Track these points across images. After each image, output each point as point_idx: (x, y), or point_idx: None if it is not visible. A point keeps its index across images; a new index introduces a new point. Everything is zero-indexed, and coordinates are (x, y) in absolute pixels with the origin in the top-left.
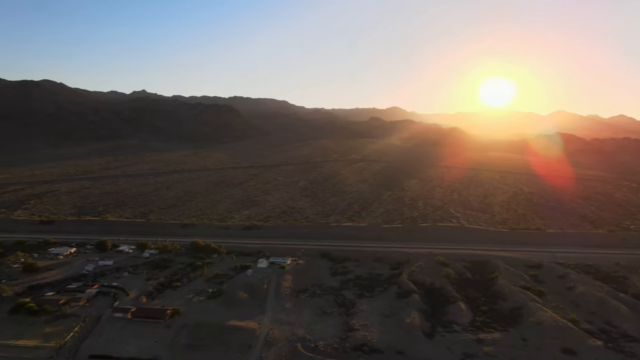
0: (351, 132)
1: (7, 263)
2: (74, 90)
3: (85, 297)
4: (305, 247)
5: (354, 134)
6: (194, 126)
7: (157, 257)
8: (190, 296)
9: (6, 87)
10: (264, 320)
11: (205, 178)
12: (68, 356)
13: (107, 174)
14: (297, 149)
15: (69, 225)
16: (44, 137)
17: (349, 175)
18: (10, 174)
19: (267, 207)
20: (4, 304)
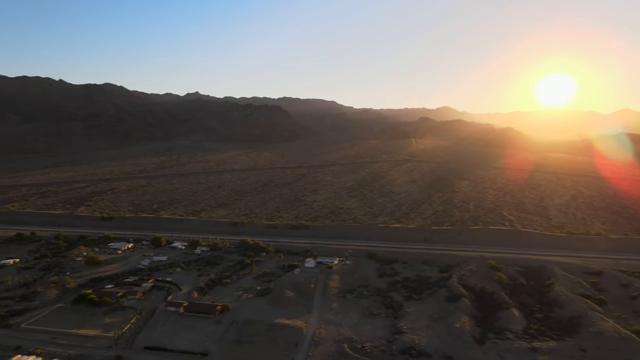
0: (400, 132)
1: (71, 256)
2: (133, 93)
3: (141, 291)
4: (352, 248)
5: (402, 134)
6: (244, 127)
7: (208, 254)
8: (239, 293)
9: (73, 90)
10: (310, 320)
11: (254, 178)
12: (125, 346)
13: (162, 173)
14: (345, 149)
15: (127, 221)
16: (105, 138)
17: (397, 176)
18: (75, 172)
19: (314, 207)
20: (68, 294)
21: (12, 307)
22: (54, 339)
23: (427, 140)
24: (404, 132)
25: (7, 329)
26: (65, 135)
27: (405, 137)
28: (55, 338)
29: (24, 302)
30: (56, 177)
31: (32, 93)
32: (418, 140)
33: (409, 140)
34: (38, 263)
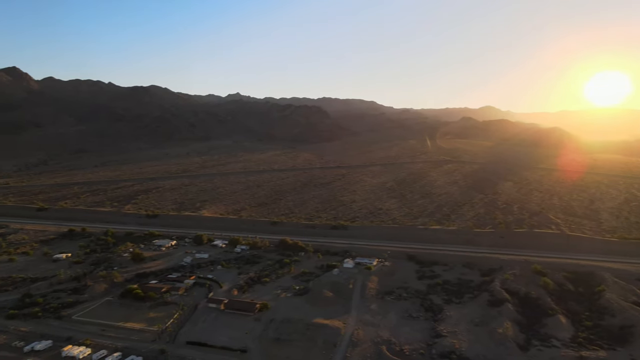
0: (441, 132)
1: (118, 252)
2: (177, 94)
3: (184, 287)
4: (391, 249)
5: (444, 134)
6: (284, 127)
7: (248, 252)
8: (278, 292)
9: (121, 92)
10: (349, 320)
11: (293, 178)
12: (168, 340)
13: (203, 172)
14: (384, 149)
15: (171, 219)
16: (150, 138)
17: (438, 177)
18: (122, 171)
19: (353, 207)
20: (116, 289)
21: (65, 300)
22: (103, 331)
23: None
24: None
25: (59, 320)
26: (114, 136)
27: (448, 137)
28: (103, 330)
29: (75, 295)
30: (105, 175)
31: (84, 95)
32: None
33: (451, 140)
34: (88, 258)
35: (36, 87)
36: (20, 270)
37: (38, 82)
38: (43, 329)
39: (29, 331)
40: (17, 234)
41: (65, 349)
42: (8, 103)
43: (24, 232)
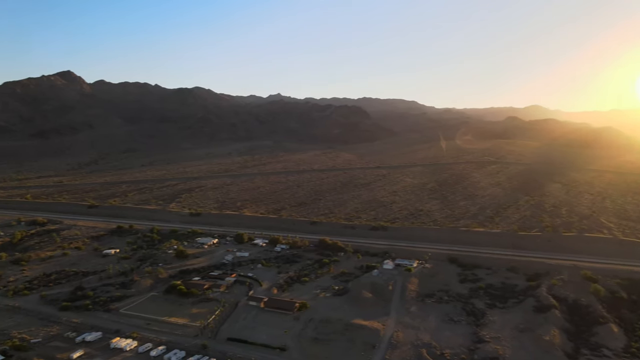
0: (485, 132)
1: (163, 249)
2: (219, 95)
3: (225, 285)
4: (432, 251)
5: (488, 135)
6: (324, 127)
7: (288, 252)
8: (317, 291)
9: (167, 94)
10: (388, 322)
11: (333, 178)
12: (210, 336)
13: (245, 172)
14: (425, 150)
15: (213, 218)
16: (194, 138)
17: (481, 178)
18: (167, 170)
19: (393, 208)
20: (160, 284)
21: (113, 293)
22: (148, 324)
23: (514, 140)
24: (489, 132)
25: (108, 313)
26: (160, 136)
27: (493, 138)
28: (149, 324)
29: (122, 289)
30: (151, 175)
31: (132, 97)
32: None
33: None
34: (135, 254)
35: (88, 90)
36: (72, 265)
37: (90, 85)
38: (93, 321)
39: (80, 322)
40: (70, 229)
41: (114, 341)
42: (63, 105)
43: (76, 228)
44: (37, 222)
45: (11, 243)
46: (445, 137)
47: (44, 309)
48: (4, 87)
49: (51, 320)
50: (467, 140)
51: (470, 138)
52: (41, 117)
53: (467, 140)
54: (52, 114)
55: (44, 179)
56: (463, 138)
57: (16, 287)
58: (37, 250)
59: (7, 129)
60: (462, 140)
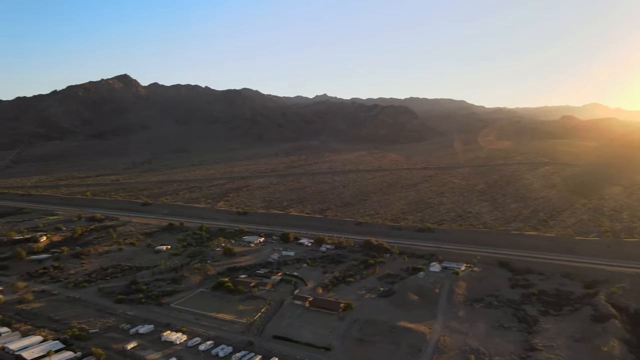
0: (539, 132)
1: (211, 246)
2: (267, 96)
3: (271, 283)
4: (481, 254)
5: (541, 135)
6: (370, 127)
7: (333, 252)
8: (362, 292)
9: (216, 96)
10: (435, 326)
11: (379, 178)
12: (256, 333)
13: (291, 172)
14: (475, 150)
15: (259, 217)
16: (242, 139)
17: (534, 180)
18: (216, 170)
19: (441, 209)
20: (209, 281)
21: (164, 288)
22: (197, 319)
23: (569, 141)
24: (543, 132)
25: (160, 307)
26: (209, 137)
27: (546, 138)
28: (197, 319)
29: (173, 285)
30: (201, 174)
31: (184, 99)
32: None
33: (550, 141)
34: (185, 250)
35: (143, 93)
36: (127, 260)
37: (145, 87)
38: (146, 314)
39: (134, 315)
40: (126, 226)
41: (165, 334)
42: (120, 107)
43: (131, 224)
44: (95, 219)
45: (72, 238)
46: (499, 138)
47: (101, 301)
48: (67, 90)
49: (107, 312)
50: (605, 140)
51: (492, 139)
52: (100, 118)
53: (606, 140)
54: (110, 116)
55: (102, 177)
56: (485, 139)
57: (76, 280)
58: (95, 245)
59: (69, 130)
60: (484, 141)
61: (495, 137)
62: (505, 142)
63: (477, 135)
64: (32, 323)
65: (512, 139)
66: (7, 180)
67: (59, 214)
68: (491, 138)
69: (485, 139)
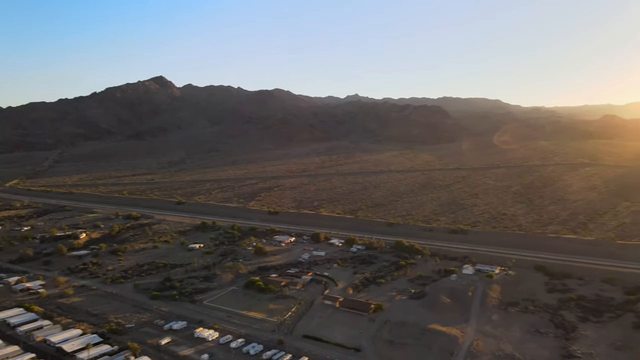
0: (579, 132)
1: (243, 245)
2: (298, 96)
3: (301, 282)
4: (516, 257)
5: (582, 135)
6: (402, 128)
7: (364, 252)
8: (393, 294)
9: (248, 96)
10: (467, 329)
11: (411, 179)
12: (286, 332)
13: (322, 172)
14: (510, 151)
15: (290, 216)
16: (273, 139)
17: (573, 182)
18: (248, 170)
19: (474, 211)
20: (240, 279)
21: (197, 286)
22: (228, 317)
23: (612, 141)
24: (584, 131)
25: (193, 304)
26: (241, 137)
27: (586, 138)
28: (229, 317)
29: (206, 282)
30: (233, 174)
31: (217, 100)
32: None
33: (591, 141)
34: (217, 249)
35: (178, 94)
36: (162, 257)
37: (179, 88)
38: (179, 311)
39: (168, 311)
40: (160, 224)
41: (198, 331)
42: (156, 108)
43: (165, 222)
44: (132, 217)
45: (110, 235)
46: (535, 138)
47: (137, 297)
48: (106, 92)
49: (143, 307)
50: (503, 141)
51: (507, 139)
52: (137, 119)
53: (504, 141)
54: (146, 117)
55: (138, 176)
56: (500, 139)
57: (113, 276)
58: (131, 242)
59: (108, 131)
60: (499, 141)
61: (511, 138)
62: (543, 142)
63: (514, 136)
64: (72, 317)
65: (551, 138)
66: (50, 178)
67: (98, 212)
68: (506, 139)
69: (500, 139)
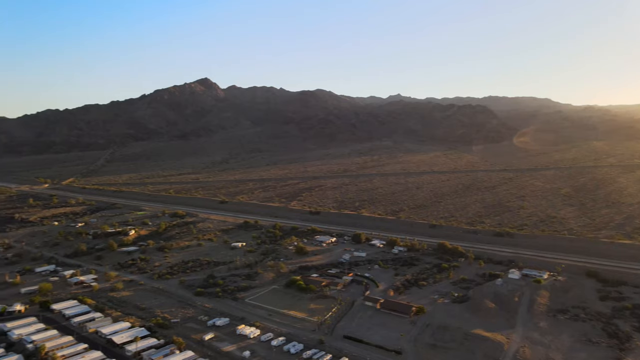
0: (635, 132)
1: (284, 245)
2: (340, 97)
3: (342, 283)
4: (566, 262)
5: (638, 135)
6: (446, 128)
7: (405, 254)
8: (435, 297)
9: (291, 97)
10: (513, 336)
11: (455, 180)
12: (327, 332)
13: (363, 172)
14: (560, 151)
15: (331, 216)
16: (315, 139)
17: (629, 184)
18: (290, 170)
19: (521, 214)
20: (281, 278)
21: (239, 284)
22: (270, 315)
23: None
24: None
25: (235, 301)
26: (283, 137)
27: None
28: (270, 315)
29: (248, 280)
30: (274, 174)
31: (260, 101)
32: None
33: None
34: (259, 248)
35: (222, 95)
36: (206, 254)
37: (223, 90)
38: (222, 308)
39: (211, 308)
40: (204, 222)
41: (240, 328)
42: (201, 109)
43: (209, 221)
44: (177, 215)
45: (157, 232)
46: (588, 138)
47: (182, 293)
48: (154, 94)
49: (188, 303)
50: (523, 142)
51: (527, 140)
52: (183, 120)
53: (524, 142)
54: (192, 118)
55: (184, 175)
56: (519, 140)
57: (160, 272)
58: (177, 239)
59: (156, 132)
60: (519, 142)
61: (532, 138)
62: (596, 142)
63: (564, 136)
64: (122, 310)
65: (605, 138)
66: (102, 177)
67: (146, 210)
68: (526, 139)
69: (520, 140)
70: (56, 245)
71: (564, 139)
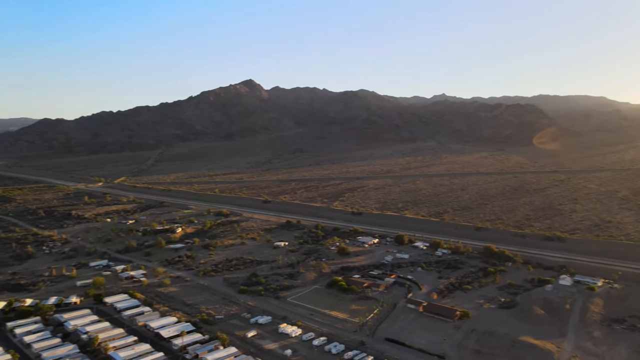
0: (539, 135)
1: (326, 245)
2: (383, 97)
3: (384, 285)
4: (623, 269)
5: (540, 137)
6: (493, 128)
7: (449, 257)
8: (481, 301)
9: (333, 97)
10: (564, 345)
11: (502, 182)
12: (368, 334)
13: (407, 173)
14: (617, 152)
15: (373, 217)
16: (358, 139)
17: None
18: (332, 170)
19: (574, 217)
20: (323, 278)
21: (282, 283)
22: (311, 315)
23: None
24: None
25: (277, 300)
26: (326, 137)
27: None
28: (312, 315)
29: (290, 280)
30: (317, 174)
31: (303, 101)
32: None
33: None
34: (301, 247)
35: (266, 96)
36: (249, 253)
37: (267, 91)
38: (265, 306)
39: (254, 306)
40: (248, 221)
41: (282, 326)
42: (245, 110)
43: (252, 220)
44: (222, 214)
45: (203, 230)
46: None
47: (226, 290)
48: (201, 96)
49: (231, 300)
50: (540, 143)
51: (545, 140)
52: (228, 121)
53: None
54: (237, 118)
55: (228, 175)
56: (539, 140)
57: (205, 269)
58: (222, 238)
59: (202, 132)
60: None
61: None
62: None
63: (622, 136)
64: (169, 305)
65: None
66: (151, 176)
67: (192, 208)
68: (545, 140)
69: (539, 141)
70: (108, 241)
71: (622, 139)
